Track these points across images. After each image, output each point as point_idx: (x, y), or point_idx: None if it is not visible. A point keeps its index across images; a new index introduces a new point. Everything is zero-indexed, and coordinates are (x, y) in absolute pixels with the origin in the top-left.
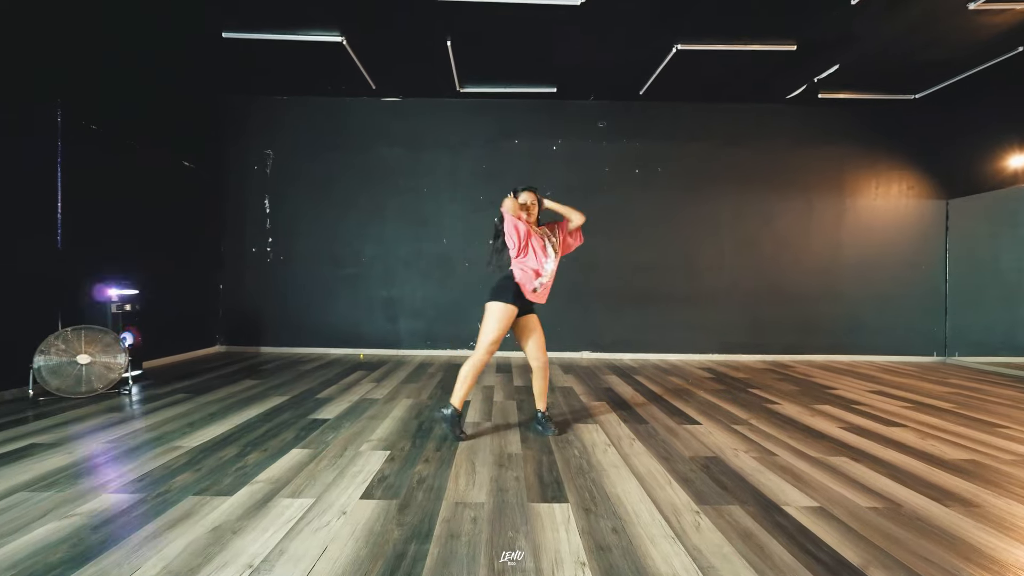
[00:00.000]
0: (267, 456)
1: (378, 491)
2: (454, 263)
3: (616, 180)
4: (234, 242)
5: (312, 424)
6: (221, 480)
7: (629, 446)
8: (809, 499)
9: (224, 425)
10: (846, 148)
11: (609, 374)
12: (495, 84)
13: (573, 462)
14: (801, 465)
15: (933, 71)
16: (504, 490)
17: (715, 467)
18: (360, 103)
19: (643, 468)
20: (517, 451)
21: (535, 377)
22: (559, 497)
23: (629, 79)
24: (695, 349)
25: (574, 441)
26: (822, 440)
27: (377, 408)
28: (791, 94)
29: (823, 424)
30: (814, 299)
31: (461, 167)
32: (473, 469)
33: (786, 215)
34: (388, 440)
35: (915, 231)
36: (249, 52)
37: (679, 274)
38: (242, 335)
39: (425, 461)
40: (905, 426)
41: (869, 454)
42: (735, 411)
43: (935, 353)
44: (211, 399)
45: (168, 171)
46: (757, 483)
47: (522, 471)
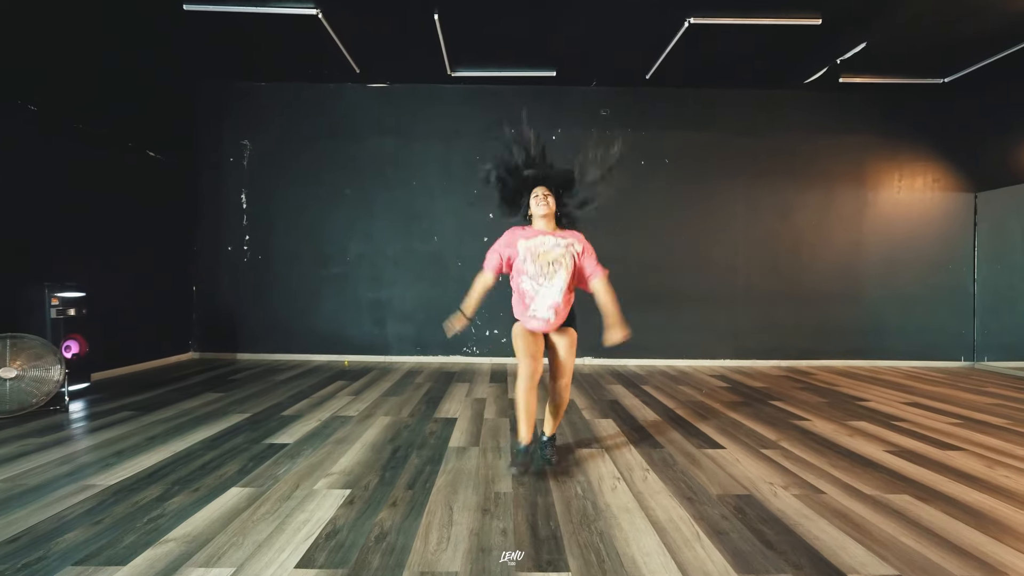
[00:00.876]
0: (195, 500)
1: (321, 555)
2: (447, 262)
3: (620, 172)
4: (208, 240)
5: (266, 451)
6: (121, 539)
7: (643, 480)
8: (882, 563)
9: (160, 454)
10: (867, 137)
11: (614, 383)
12: (489, 67)
13: (575, 504)
14: (857, 508)
15: (965, 51)
16: (486, 551)
17: (751, 511)
18: (344, 89)
19: (663, 514)
20: (507, 489)
21: (552, 398)
22: (557, 563)
23: (635, 62)
24: (706, 354)
25: (576, 473)
26: (871, 470)
27: (348, 429)
28: (810, 78)
29: (866, 447)
30: (833, 300)
31: (454, 158)
32: (450, 518)
33: (803, 210)
34: (352, 474)
35: (941, 227)
36: (219, 30)
37: (688, 273)
38: (217, 341)
39: (391, 505)
40: (963, 449)
41: (935, 491)
42: (761, 430)
43: (963, 358)
44: (159, 418)
45: (128, 161)
46: (810, 536)
47: (511, 520)
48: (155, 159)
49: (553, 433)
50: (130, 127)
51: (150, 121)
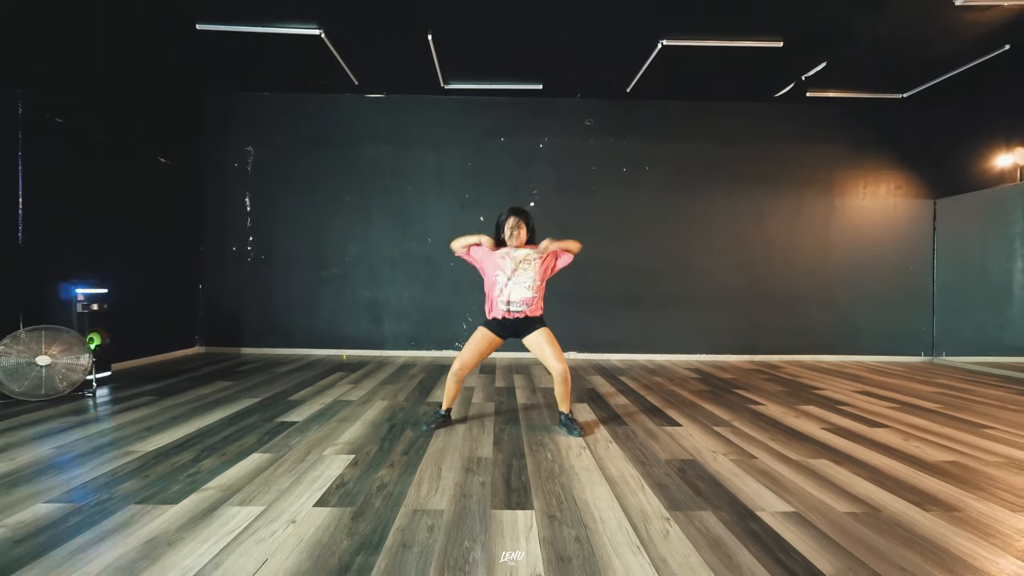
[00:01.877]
0: (223, 462)
1: (334, 498)
2: (440, 264)
3: (604, 179)
4: (213, 241)
5: (278, 427)
6: (169, 487)
7: (605, 449)
8: (785, 504)
9: (185, 429)
10: (835, 147)
11: (594, 375)
12: (480, 81)
13: (544, 466)
14: (781, 468)
15: (920, 69)
16: (467, 496)
17: (691, 471)
18: (343, 99)
19: (616, 472)
20: (488, 455)
21: (555, 383)
22: (524, 504)
23: (616, 76)
24: (684, 350)
25: (548, 444)
26: (804, 442)
27: (350, 411)
28: (779, 92)
29: (807, 426)
30: (804, 299)
31: (447, 165)
32: (438, 474)
33: (776, 215)
34: (355, 444)
35: (903, 231)
36: (227, 46)
37: (668, 274)
38: (222, 336)
39: (389, 466)
40: (889, 427)
41: (851, 456)
42: (718, 412)
43: (923, 353)
44: (177, 402)
45: (141, 167)
46: (733, 487)
47: (489, 476)
48: (166, 165)
49: (569, 411)
50: (143, 135)
51: (161, 129)
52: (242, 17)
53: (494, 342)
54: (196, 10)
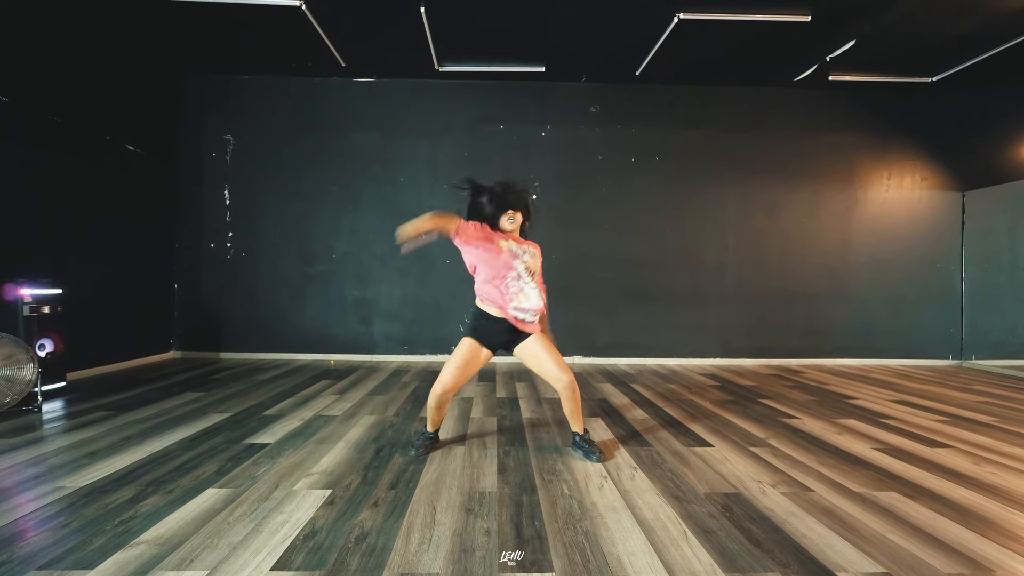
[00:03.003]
0: (169, 501)
1: (299, 557)
2: (434, 260)
3: (610, 169)
4: (189, 237)
5: (245, 452)
6: (89, 542)
7: (630, 479)
8: (870, 560)
9: (134, 455)
10: (856, 136)
11: (604, 382)
12: (477, 62)
13: (561, 504)
14: (845, 505)
15: (953, 49)
16: (468, 551)
17: (739, 509)
18: (331, 84)
19: (649, 513)
20: (492, 488)
21: (562, 399)
22: (542, 564)
23: (624, 58)
24: (696, 353)
25: (562, 472)
26: (859, 467)
27: (331, 428)
28: (800, 75)
29: (854, 444)
30: (822, 299)
31: (442, 154)
32: (432, 518)
33: (793, 208)
34: (333, 473)
35: (929, 226)
36: (203, 21)
37: (678, 271)
38: (200, 339)
39: (373, 506)
40: (950, 447)
41: (922, 487)
42: (750, 428)
43: (951, 356)
44: (135, 418)
45: (107, 154)
46: (797, 535)
47: (496, 520)
48: (135, 153)
49: (583, 430)
50: (108, 120)
51: (129, 114)
52: None
53: (481, 358)
54: None
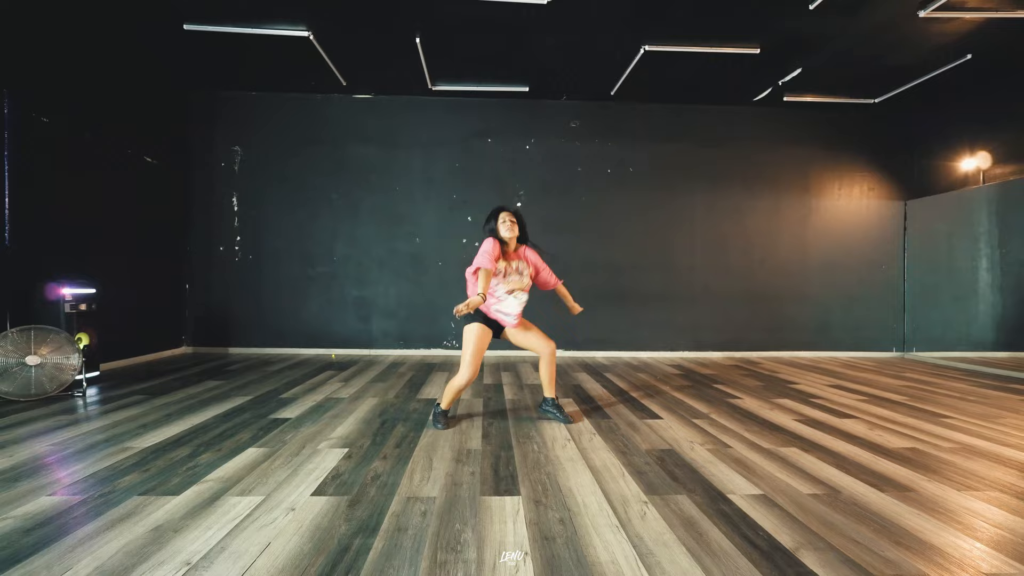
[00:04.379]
0: (220, 456)
1: (330, 488)
2: (428, 262)
3: (589, 180)
4: (201, 241)
5: (272, 424)
6: (169, 480)
7: (589, 441)
8: (754, 487)
9: (179, 426)
10: (811, 150)
11: (580, 372)
12: (467, 83)
13: (531, 457)
14: (753, 456)
15: (890, 76)
16: (458, 484)
17: (669, 459)
18: (332, 100)
19: (599, 462)
20: (477, 447)
21: (542, 364)
22: (512, 490)
23: (601, 80)
24: (667, 347)
25: (535, 436)
26: (777, 432)
27: (341, 407)
28: (757, 96)
29: (780, 417)
30: (782, 297)
31: (435, 166)
32: (430, 465)
33: (755, 215)
34: (348, 438)
35: (876, 231)
36: (215, 46)
37: (652, 273)
38: (210, 336)
39: (383, 458)
40: (857, 418)
41: (819, 445)
42: (698, 406)
43: (894, 349)
44: (169, 400)
45: (128, 166)
46: (708, 473)
47: (479, 466)
48: (153, 165)
49: (555, 395)
50: (131, 136)
51: (149, 130)
52: (230, 18)
53: (488, 338)
54: (184, 10)
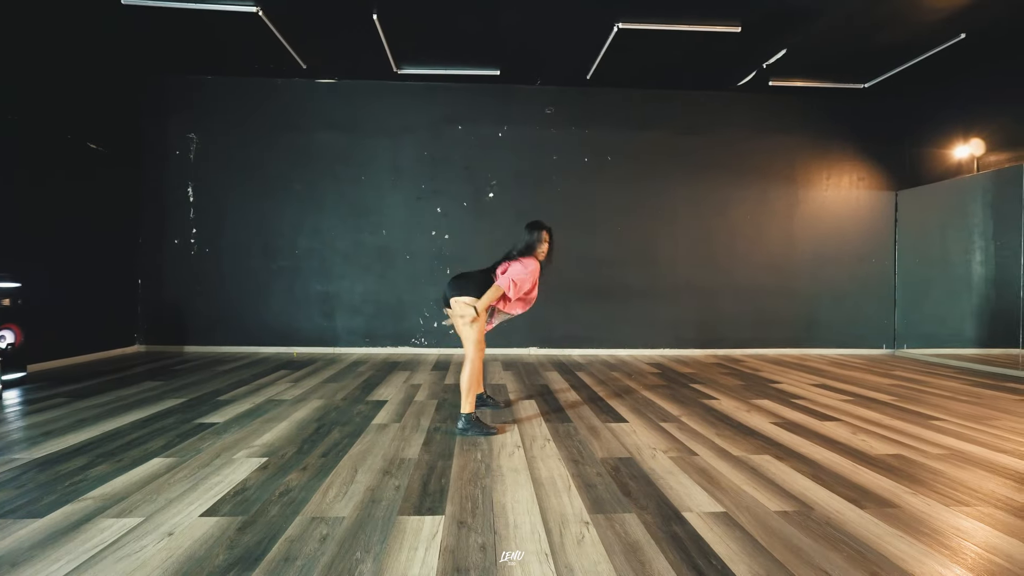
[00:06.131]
0: (117, 468)
1: (226, 507)
2: (395, 256)
3: (565, 169)
4: (153, 233)
5: (194, 430)
6: (42, 498)
7: (540, 448)
8: (716, 503)
9: (89, 432)
10: (798, 138)
11: (551, 371)
12: (434, 66)
13: (470, 467)
14: (720, 465)
15: (880, 59)
16: (376, 502)
17: (625, 469)
18: (293, 85)
19: (545, 473)
20: (413, 455)
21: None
22: (436, 508)
23: (575, 62)
24: (647, 344)
25: (482, 443)
26: (751, 437)
27: (280, 411)
28: (742, 81)
29: (756, 420)
30: (768, 292)
31: (402, 154)
32: (352, 478)
33: (740, 207)
34: (272, 446)
35: (866, 223)
36: (162, 24)
37: (631, 267)
38: (164, 333)
39: (302, 469)
40: (840, 420)
41: (795, 452)
42: (669, 408)
43: (884, 346)
44: (92, 403)
45: (68, 152)
46: (665, 486)
47: (407, 479)
48: (97, 151)
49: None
50: (69, 119)
51: (91, 113)
52: None
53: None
54: None
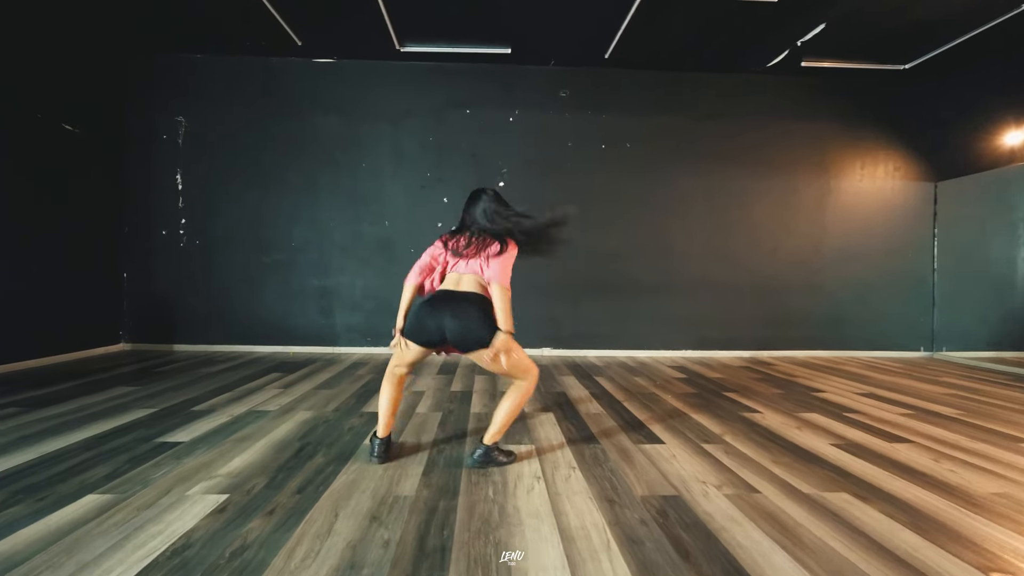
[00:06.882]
0: (35, 511)
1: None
2: (397, 248)
3: (580, 156)
4: (139, 223)
5: (153, 451)
6: None
7: (565, 480)
8: (804, 572)
9: (24, 455)
10: (829, 124)
11: (568, 374)
12: (439, 43)
13: (480, 509)
14: (791, 509)
15: (925, 35)
16: (356, 567)
17: (675, 514)
18: (288, 64)
19: (575, 520)
20: (410, 492)
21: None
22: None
23: (593, 40)
24: (667, 345)
25: (494, 472)
26: (814, 465)
27: (259, 425)
28: (772, 61)
29: (812, 440)
30: (794, 289)
31: (405, 139)
32: (329, 527)
33: (765, 198)
34: (239, 476)
35: (901, 216)
36: None
37: (649, 262)
38: (151, 331)
39: (268, 513)
40: (910, 441)
41: (875, 487)
42: (707, 423)
43: (922, 348)
44: (46, 415)
45: (39, 134)
46: (731, 543)
47: (400, 529)
48: (73, 133)
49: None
50: (42, 97)
51: (66, 92)
52: None
53: None
54: None
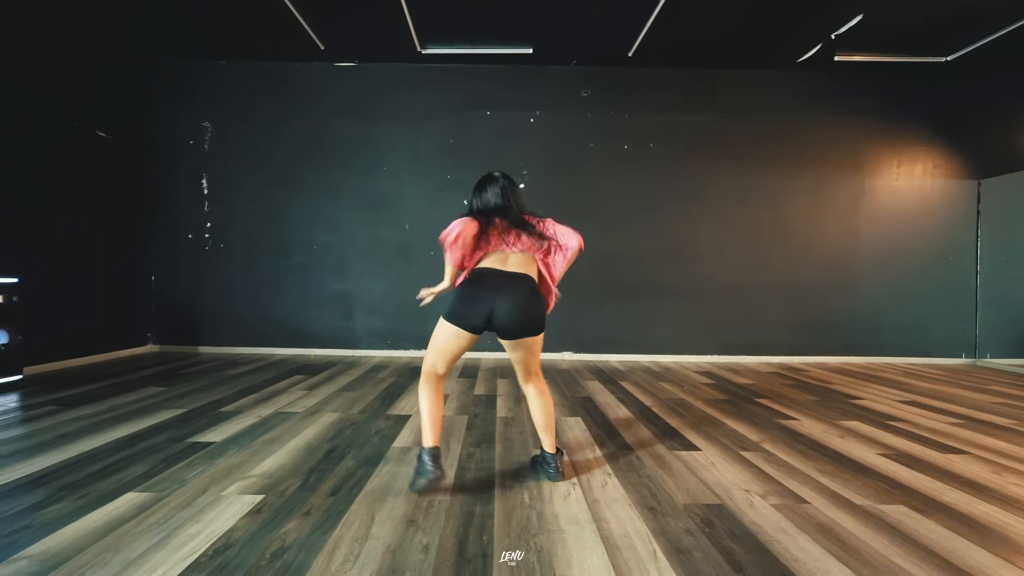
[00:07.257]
0: (75, 509)
1: None
2: (417, 251)
3: (602, 158)
4: (167, 227)
5: (185, 451)
6: None
7: (602, 487)
8: None
9: (62, 454)
10: (864, 121)
11: (591, 379)
12: (461, 44)
13: (518, 515)
14: (845, 521)
15: (968, 26)
16: (398, 572)
17: (721, 524)
18: (310, 69)
19: (616, 527)
20: (444, 496)
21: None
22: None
23: (616, 39)
24: (692, 350)
25: (526, 476)
26: (864, 475)
27: (287, 427)
28: (804, 56)
29: (858, 449)
30: (827, 293)
31: (424, 142)
32: (367, 530)
33: (795, 197)
34: (273, 477)
35: (942, 216)
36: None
37: (673, 264)
38: (178, 333)
39: (304, 514)
40: (966, 452)
41: (934, 500)
42: (743, 430)
43: (964, 354)
44: (81, 414)
45: (74, 140)
46: (784, 554)
47: (439, 533)
48: (106, 140)
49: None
50: (76, 105)
51: (99, 100)
52: None
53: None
54: None
